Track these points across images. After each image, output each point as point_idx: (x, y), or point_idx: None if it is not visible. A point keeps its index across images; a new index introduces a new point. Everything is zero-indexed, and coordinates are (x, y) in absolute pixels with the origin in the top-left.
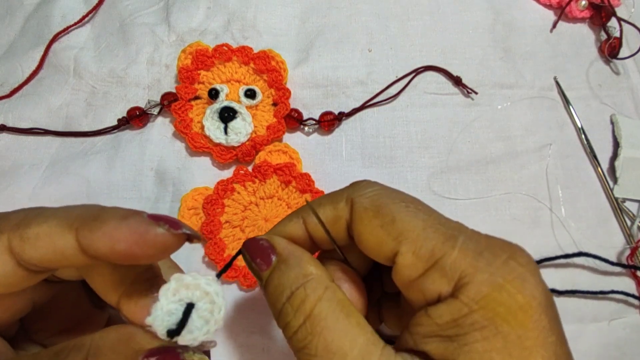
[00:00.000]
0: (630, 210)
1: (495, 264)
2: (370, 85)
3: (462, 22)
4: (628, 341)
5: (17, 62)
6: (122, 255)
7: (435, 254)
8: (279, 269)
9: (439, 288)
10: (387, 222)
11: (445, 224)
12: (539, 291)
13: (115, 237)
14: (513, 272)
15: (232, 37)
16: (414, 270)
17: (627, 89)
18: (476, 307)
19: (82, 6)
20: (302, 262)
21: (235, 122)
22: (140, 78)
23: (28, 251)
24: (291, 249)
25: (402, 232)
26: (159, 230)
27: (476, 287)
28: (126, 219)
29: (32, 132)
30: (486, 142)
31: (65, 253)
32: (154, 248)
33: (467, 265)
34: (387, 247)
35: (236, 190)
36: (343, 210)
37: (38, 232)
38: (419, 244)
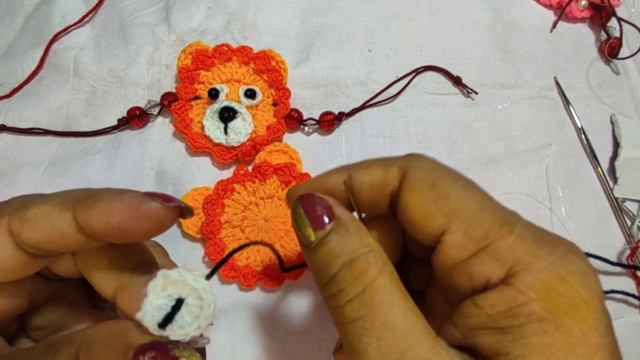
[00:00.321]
0: (630, 210)
1: (555, 254)
2: (370, 85)
3: (462, 22)
4: (628, 341)
5: (17, 62)
6: (117, 230)
7: (490, 236)
8: (339, 232)
9: (489, 272)
10: (441, 197)
11: (502, 210)
12: (600, 288)
13: (109, 212)
14: (574, 265)
15: (232, 37)
16: (463, 251)
17: (627, 89)
18: (535, 296)
19: (82, 6)
20: (363, 232)
21: (235, 122)
22: (140, 78)
23: (27, 232)
24: (351, 217)
25: (456, 210)
26: (153, 204)
27: (535, 275)
28: (120, 195)
29: (32, 132)
30: (486, 142)
31: (63, 232)
32: (148, 222)
33: (525, 252)
34: (435, 223)
35: (236, 190)
36: (394, 176)
37: (37, 212)
38: (473, 224)
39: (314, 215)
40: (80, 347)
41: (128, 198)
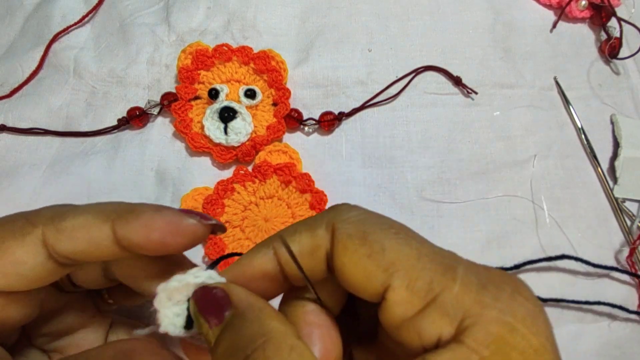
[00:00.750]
0: (630, 210)
1: (502, 299)
2: (370, 85)
3: (462, 22)
4: (628, 341)
5: (17, 62)
6: (157, 244)
7: (434, 287)
8: (233, 325)
9: (439, 330)
10: (376, 251)
11: (440, 254)
12: (549, 331)
13: (151, 227)
14: (522, 308)
15: (232, 37)
16: (409, 307)
17: (627, 89)
18: (487, 352)
19: (82, 6)
20: (263, 316)
21: (235, 122)
22: (140, 78)
23: (64, 242)
24: (251, 301)
25: (394, 262)
26: (191, 220)
27: (484, 329)
28: (160, 211)
29: (32, 132)
30: (486, 142)
31: (100, 244)
32: (186, 237)
33: (472, 302)
34: (376, 280)
35: (236, 190)
36: (323, 238)
37: (74, 223)
38: (414, 276)
39: (205, 313)
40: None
41: (169, 214)
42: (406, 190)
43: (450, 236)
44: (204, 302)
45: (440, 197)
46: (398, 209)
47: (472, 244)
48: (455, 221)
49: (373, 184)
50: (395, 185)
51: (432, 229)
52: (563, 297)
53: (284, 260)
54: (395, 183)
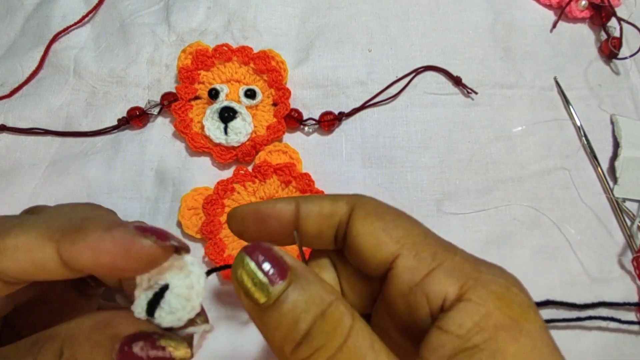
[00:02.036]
0: (630, 210)
1: (493, 270)
2: (370, 85)
3: (462, 22)
4: (628, 341)
5: (17, 62)
6: (106, 268)
7: (438, 257)
8: (299, 283)
9: (445, 288)
10: (390, 226)
11: (442, 240)
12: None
13: (98, 249)
14: (511, 277)
15: (232, 37)
16: (416, 272)
17: (627, 89)
18: (493, 306)
19: (82, 6)
20: (321, 279)
21: (235, 122)
22: (140, 78)
23: (5, 263)
24: (304, 265)
25: (405, 236)
26: (145, 241)
27: (485, 287)
28: (110, 230)
29: (32, 132)
30: (486, 142)
31: (45, 266)
32: (140, 261)
33: (471, 269)
34: (387, 249)
35: (236, 190)
36: (342, 208)
37: (17, 242)
38: (421, 248)
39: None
40: (64, 342)
41: (119, 235)
42: (406, 190)
43: (450, 236)
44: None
45: (440, 197)
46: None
47: (472, 244)
48: (455, 221)
49: (373, 184)
50: (395, 185)
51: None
52: (563, 297)
53: (302, 215)
54: (395, 183)
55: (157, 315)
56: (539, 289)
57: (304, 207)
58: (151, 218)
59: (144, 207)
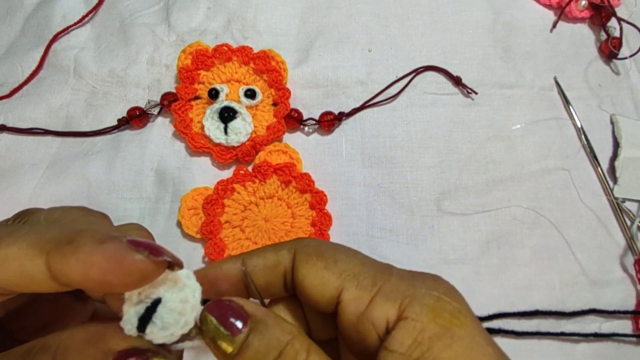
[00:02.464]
0: (630, 210)
1: (427, 282)
2: (370, 85)
3: (462, 22)
4: (627, 342)
5: (17, 62)
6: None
7: (377, 282)
8: (258, 330)
9: (386, 313)
10: (330, 263)
11: (380, 263)
12: (465, 300)
13: (89, 264)
14: (442, 286)
15: (232, 37)
16: (361, 302)
17: (627, 89)
18: (426, 319)
19: (82, 6)
20: (279, 321)
21: (235, 122)
22: (140, 78)
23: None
24: (262, 309)
25: (345, 269)
26: (138, 256)
27: (419, 302)
28: (102, 244)
29: (32, 132)
30: (486, 142)
31: (34, 278)
32: (131, 276)
33: (406, 286)
34: (331, 285)
35: (236, 190)
36: (284, 257)
37: (6, 253)
38: (362, 277)
39: (228, 322)
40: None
41: (111, 249)
42: (406, 190)
43: (450, 236)
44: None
45: (440, 197)
46: (398, 209)
47: (472, 244)
48: (455, 221)
49: (373, 184)
50: (395, 185)
51: (432, 229)
52: (563, 297)
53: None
54: (395, 183)
55: (149, 331)
56: (538, 289)
57: (248, 263)
58: (151, 218)
59: (144, 207)
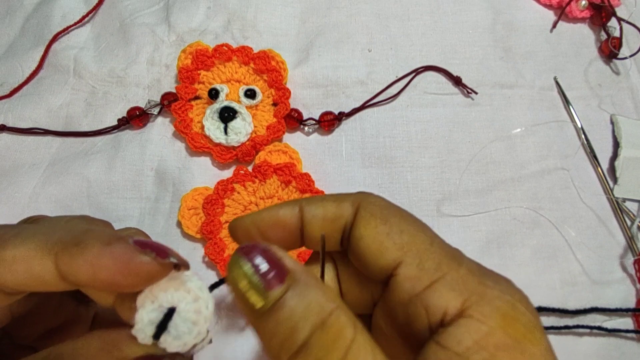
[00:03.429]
0: (630, 210)
1: (500, 284)
2: (370, 85)
3: (462, 22)
4: (628, 341)
5: (17, 62)
6: (104, 283)
7: (442, 268)
8: (298, 289)
9: (446, 303)
10: (395, 231)
11: (449, 246)
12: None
13: (97, 265)
14: (518, 293)
15: (232, 37)
16: (418, 283)
17: (627, 89)
18: (495, 324)
19: (82, 6)
20: (323, 285)
21: (235, 122)
22: (140, 78)
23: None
24: (305, 268)
25: (409, 243)
26: (145, 258)
27: (490, 304)
28: (110, 245)
29: (32, 132)
30: (486, 142)
31: (43, 278)
32: (138, 277)
33: (476, 283)
34: (389, 255)
35: (236, 190)
36: (347, 210)
37: (15, 254)
38: (425, 257)
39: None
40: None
41: (118, 251)
42: (406, 190)
43: (450, 236)
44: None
45: (440, 197)
46: None
47: (472, 244)
48: (456, 221)
49: (373, 184)
50: (395, 185)
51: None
52: (564, 296)
53: (307, 220)
54: (395, 183)
55: (163, 339)
56: (539, 289)
57: (307, 211)
58: (151, 218)
59: (144, 207)
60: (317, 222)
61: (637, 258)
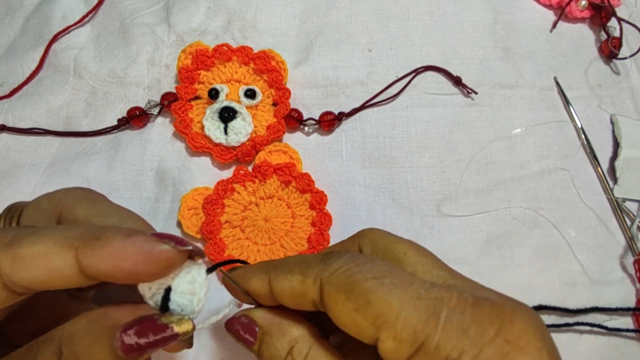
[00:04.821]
0: (630, 210)
1: (481, 343)
2: (370, 85)
3: (462, 22)
4: (627, 341)
5: (17, 62)
6: (126, 273)
7: (418, 336)
8: (265, 341)
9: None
10: (362, 305)
11: (426, 296)
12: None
13: (119, 255)
14: (499, 352)
15: (232, 37)
16: (400, 355)
17: (627, 89)
18: None
19: (82, 6)
20: (284, 328)
21: (235, 122)
22: (140, 78)
23: (20, 272)
24: (270, 318)
25: (379, 314)
26: (165, 247)
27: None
28: (130, 237)
29: (32, 132)
30: (486, 142)
31: (62, 273)
32: (159, 265)
33: (451, 348)
34: (366, 332)
35: (236, 190)
36: (311, 287)
37: (33, 251)
38: (399, 327)
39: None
40: (62, 341)
41: (140, 242)
42: (406, 190)
43: (450, 236)
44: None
45: (440, 197)
46: (398, 209)
47: (472, 244)
48: (455, 221)
49: (373, 184)
50: (395, 185)
51: (432, 229)
52: (563, 297)
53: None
54: (395, 183)
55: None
56: (539, 289)
57: (275, 286)
58: (151, 218)
59: (144, 207)
60: (286, 295)
61: (637, 258)
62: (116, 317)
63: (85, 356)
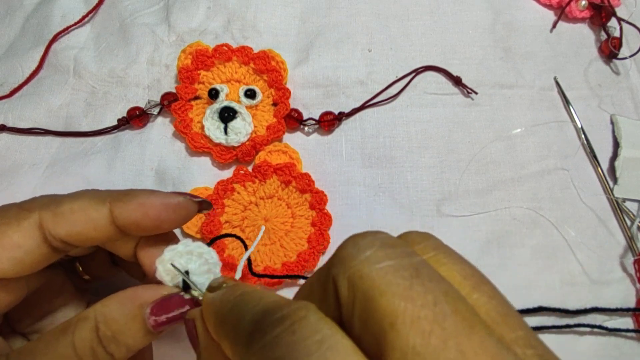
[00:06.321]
0: (630, 210)
1: None
2: (370, 85)
3: (462, 22)
4: (627, 341)
5: (17, 62)
6: (153, 220)
7: None
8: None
9: None
10: None
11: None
12: None
13: (147, 205)
14: None
15: (232, 37)
16: None
17: (627, 89)
18: None
19: (82, 6)
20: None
21: (235, 122)
22: (140, 78)
23: (61, 225)
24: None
25: None
26: (181, 198)
27: None
28: (154, 192)
29: (32, 132)
30: (486, 142)
31: (97, 225)
32: (178, 212)
33: None
34: None
35: (236, 190)
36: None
37: (72, 207)
38: None
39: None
40: (97, 319)
41: (161, 195)
42: (406, 190)
43: (450, 236)
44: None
45: (440, 197)
46: (398, 209)
47: (472, 244)
48: (455, 221)
49: (373, 184)
50: (395, 185)
51: (432, 229)
52: (563, 297)
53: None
54: (395, 183)
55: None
56: (538, 289)
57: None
58: None
59: None
60: None
61: (637, 258)
62: (145, 295)
63: (120, 333)
